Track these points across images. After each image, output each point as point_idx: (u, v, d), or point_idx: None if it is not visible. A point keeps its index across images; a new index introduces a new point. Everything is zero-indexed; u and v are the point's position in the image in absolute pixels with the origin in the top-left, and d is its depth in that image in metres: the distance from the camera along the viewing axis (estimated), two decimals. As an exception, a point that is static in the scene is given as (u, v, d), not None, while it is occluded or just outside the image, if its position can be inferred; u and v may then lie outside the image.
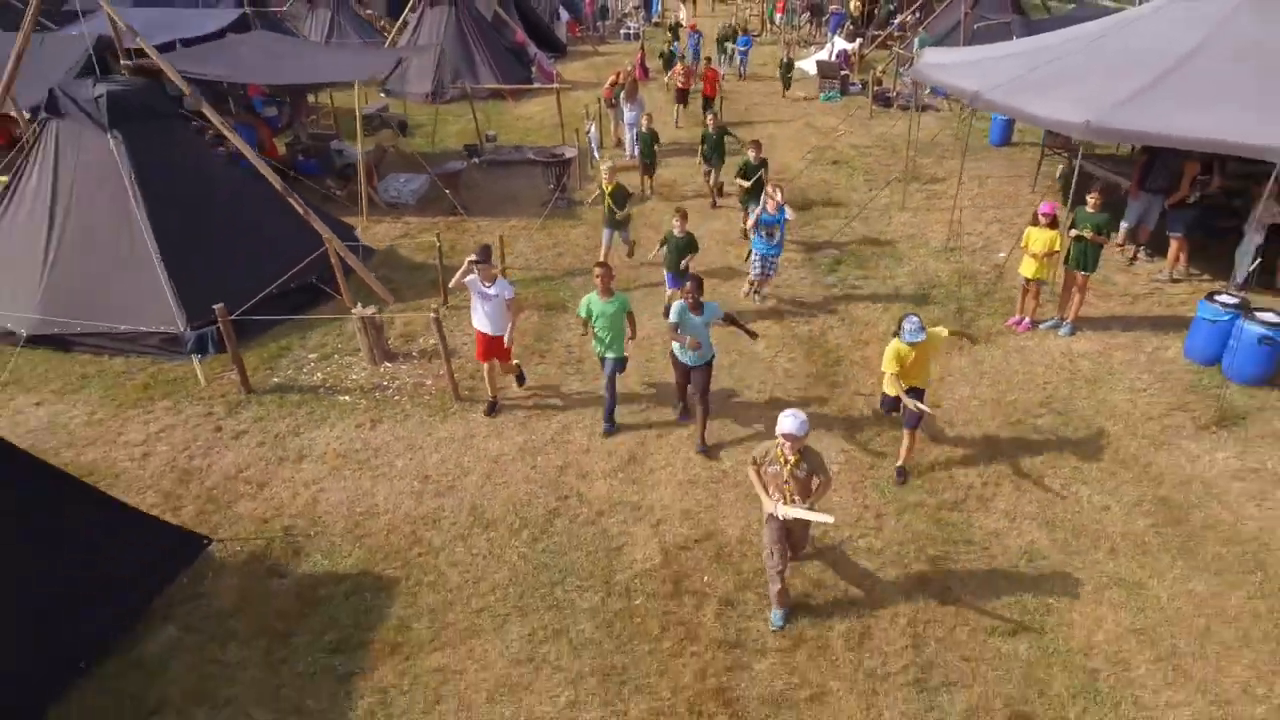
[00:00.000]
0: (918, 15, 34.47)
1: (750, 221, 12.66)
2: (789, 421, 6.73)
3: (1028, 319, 12.42)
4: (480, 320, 10.06)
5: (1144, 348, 11.89)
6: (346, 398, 11.17)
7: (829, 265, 14.78)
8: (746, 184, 14.40)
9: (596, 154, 20.09)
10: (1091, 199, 11.47)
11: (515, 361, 10.79)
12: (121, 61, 16.15)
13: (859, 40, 31.18)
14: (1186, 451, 9.70)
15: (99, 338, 12.01)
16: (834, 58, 28.36)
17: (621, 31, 39.64)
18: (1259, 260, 12.69)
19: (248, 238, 13.13)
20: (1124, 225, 14.62)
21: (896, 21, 35.77)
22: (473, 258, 9.67)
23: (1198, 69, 12.44)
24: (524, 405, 10.90)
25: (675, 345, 9.48)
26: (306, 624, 7.61)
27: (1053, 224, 11.59)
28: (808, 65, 30.42)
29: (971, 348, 11.86)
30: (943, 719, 6.65)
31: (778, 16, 39.91)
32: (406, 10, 29.61)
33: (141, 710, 6.81)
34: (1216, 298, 11.20)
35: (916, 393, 8.83)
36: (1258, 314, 10.73)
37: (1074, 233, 11.50)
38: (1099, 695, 6.82)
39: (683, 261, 11.86)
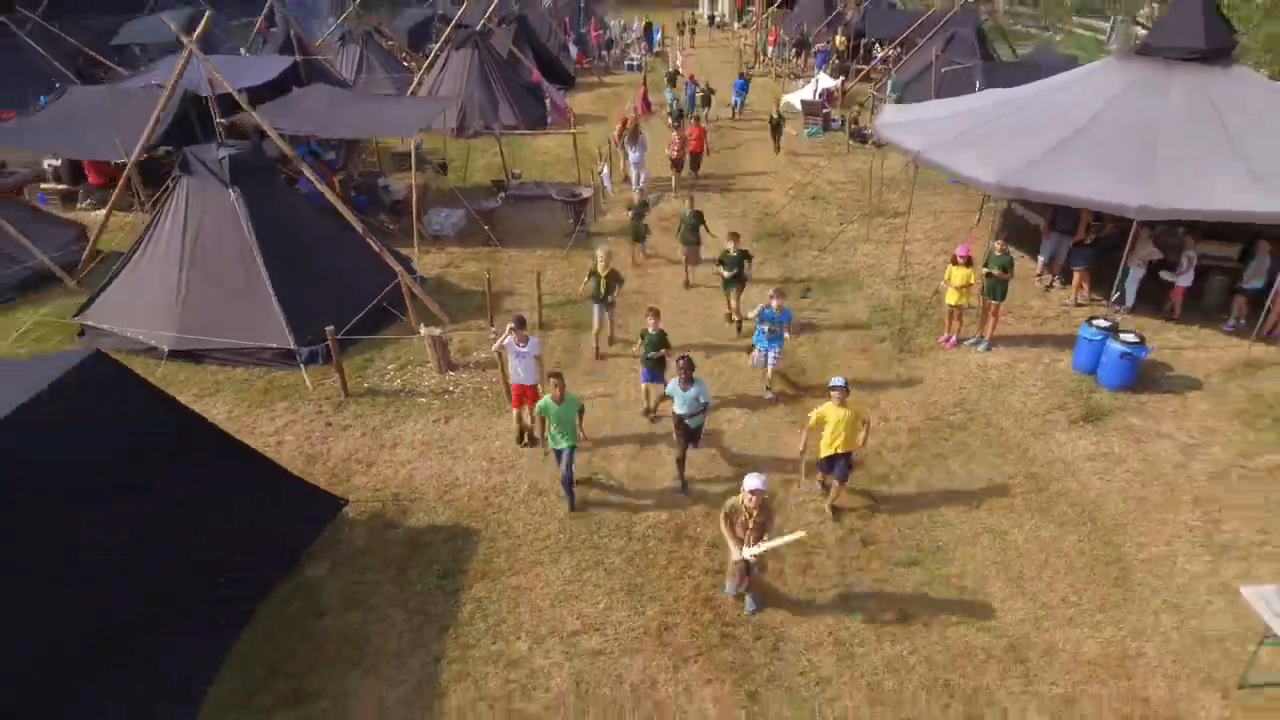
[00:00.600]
0: (898, 50, 37.74)
1: (753, 314, 13.85)
2: (754, 480, 9.03)
3: (954, 337, 15.73)
4: (515, 374, 12.62)
5: (1042, 360, 15.22)
6: (423, 399, 14.49)
7: (802, 291, 18.08)
8: (726, 274, 15.65)
9: (609, 188, 23.41)
10: (998, 245, 14.78)
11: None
12: (216, 119, 19.40)
13: (842, 78, 34.40)
14: (1056, 440, 13.03)
15: (224, 352, 15.31)
16: (817, 96, 31.61)
17: (625, 63, 42.94)
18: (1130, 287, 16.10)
19: (332, 268, 16.44)
20: (1040, 259, 17.96)
21: (879, 56, 39.03)
22: (511, 325, 12.33)
23: (1088, 138, 15.80)
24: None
25: (674, 403, 11.77)
26: (418, 560, 10.91)
27: (968, 263, 14.90)
28: (794, 99, 33.64)
29: (910, 361, 15.19)
30: (855, 618, 9.95)
31: (770, 49, 43.16)
32: (436, 49, 32.96)
33: (316, 612, 10.10)
34: (1094, 322, 14.52)
35: (845, 457, 11.02)
36: (1121, 335, 14.04)
37: (985, 270, 14.82)
38: (962, 603, 10.13)
39: (657, 354, 12.94)
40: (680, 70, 30.85)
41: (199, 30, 17.34)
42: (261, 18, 49.38)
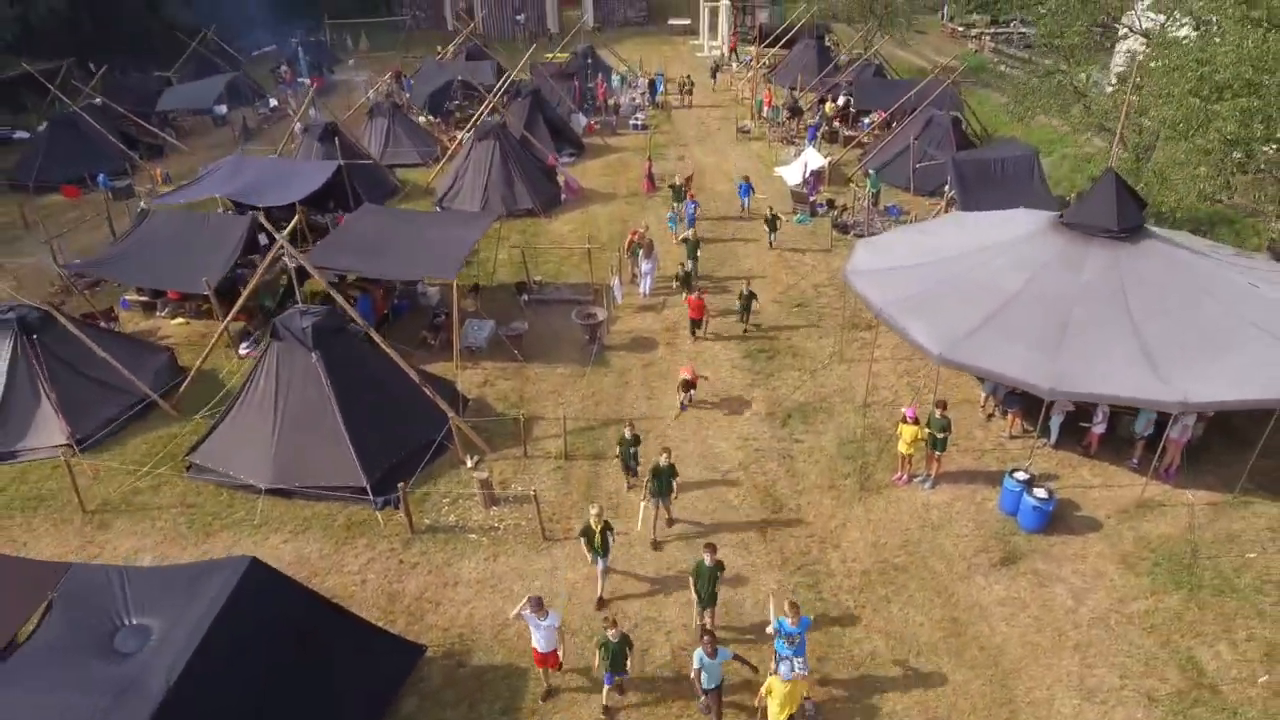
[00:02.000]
0: (886, 118, 40.94)
1: (770, 628, 14.06)
2: None
3: (905, 475, 19.24)
4: (537, 641, 13.66)
5: (975, 499, 18.71)
6: (473, 535, 18.02)
7: (782, 419, 21.57)
8: (700, 592, 14.96)
9: (619, 298, 26.85)
10: (939, 411, 18.29)
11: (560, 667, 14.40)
12: (291, 268, 22.68)
13: (829, 158, 37.55)
14: (978, 584, 16.57)
15: (309, 490, 18.82)
16: (806, 177, 34.85)
17: (630, 123, 46.08)
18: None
19: (396, 409, 19.93)
20: (983, 392, 21.45)
21: (868, 123, 42.21)
22: (527, 600, 13.54)
23: (1015, 311, 19.14)
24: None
25: (699, 672, 13.02)
26: (483, 696, 14.47)
27: (915, 422, 18.39)
28: (785, 173, 36.83)
29: (868, 500, 18.72)
30: (811, 751, 13.55)
31: (765, 109, 46.30)
32: (462, 135, 36.37)
33: (410, 745, 13.71)
34: (1014, 474, 18.02)
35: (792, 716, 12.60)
36: (1035, 489, 17.55)
37: (927, 431, 18.33)
38: (891, 738, 13.74)
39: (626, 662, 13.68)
40: (686, 186, 32.87)
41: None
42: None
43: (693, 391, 22.03)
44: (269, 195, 28.71)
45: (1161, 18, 29.47)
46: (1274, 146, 21.96)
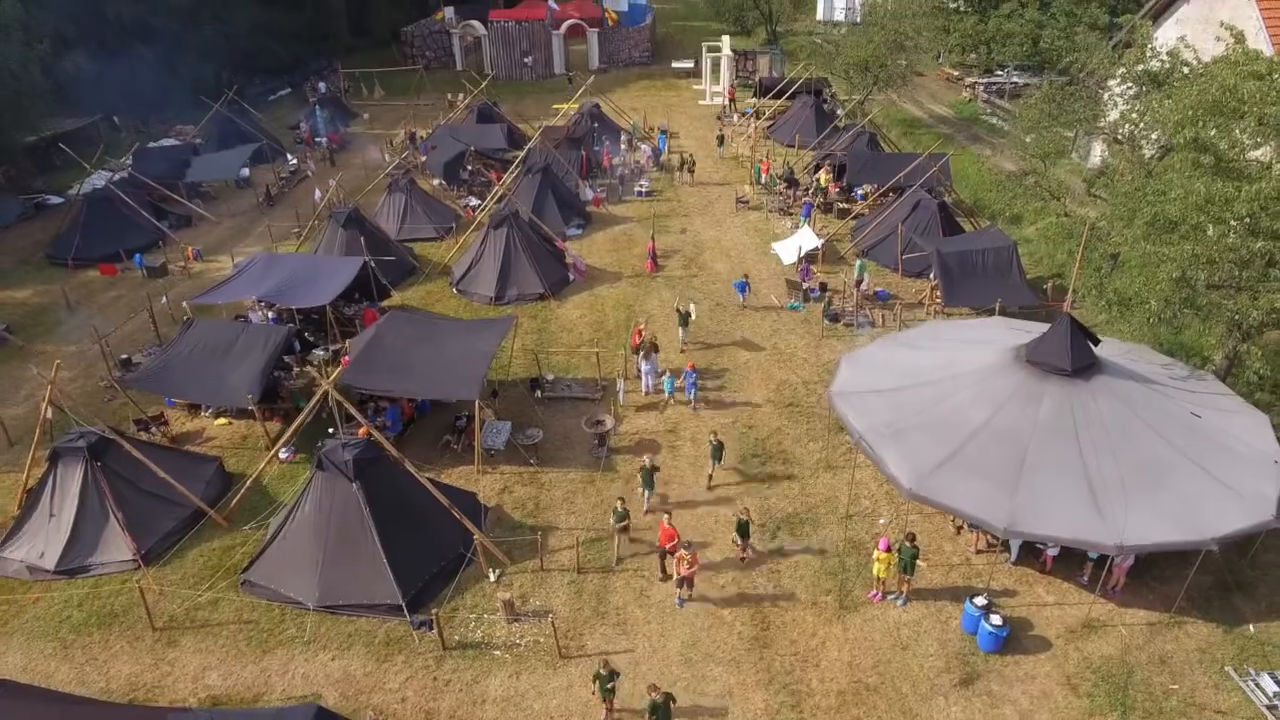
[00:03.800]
0: (878, 190, 43.28)
1: None
2: None
3: (880, 593, 21.66)
4: None
5: (941, 617, 21.11)
6: (498, 652, 20.44)
7: (772, 531, 23.99)
8: None
9: (623, 399, 29.26)
10: (909, 541, 20.71)
11: None
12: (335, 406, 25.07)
13: (824, 240, 39.79)
14: (937, 705, 18.98)
15: (352, 607, 21.28)
16: (800, 261, 37.14)
17: (636, 189, 48.43)
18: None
19: (424, 530, 22.39)
20: (954, 508, 23.84)
21: (861, 193, 44.52)
22: None
23: (978, 444, 21.52)
24: (593, 657, 20.07)
25: None
26: (510, 814, 16.98)
27: (888, 550, 20.82)
28: (780, 249, 39.02)
29: (846, 618, 21.14)
30: None
31: (763, 177, 48.62)
32: (479, 214, 38.86)
33: None
34: (974, 599, 20.41)
35: None
36: (991, 615, 19.97)
37: (899, 559, 20.76)
38: None
39: None
40: (692, 313, 32.79)
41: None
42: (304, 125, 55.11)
43: (691, 580, 21.48)
44: (299, 296, 31.23)
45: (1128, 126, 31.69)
46: (1218, 275, 24.13)
